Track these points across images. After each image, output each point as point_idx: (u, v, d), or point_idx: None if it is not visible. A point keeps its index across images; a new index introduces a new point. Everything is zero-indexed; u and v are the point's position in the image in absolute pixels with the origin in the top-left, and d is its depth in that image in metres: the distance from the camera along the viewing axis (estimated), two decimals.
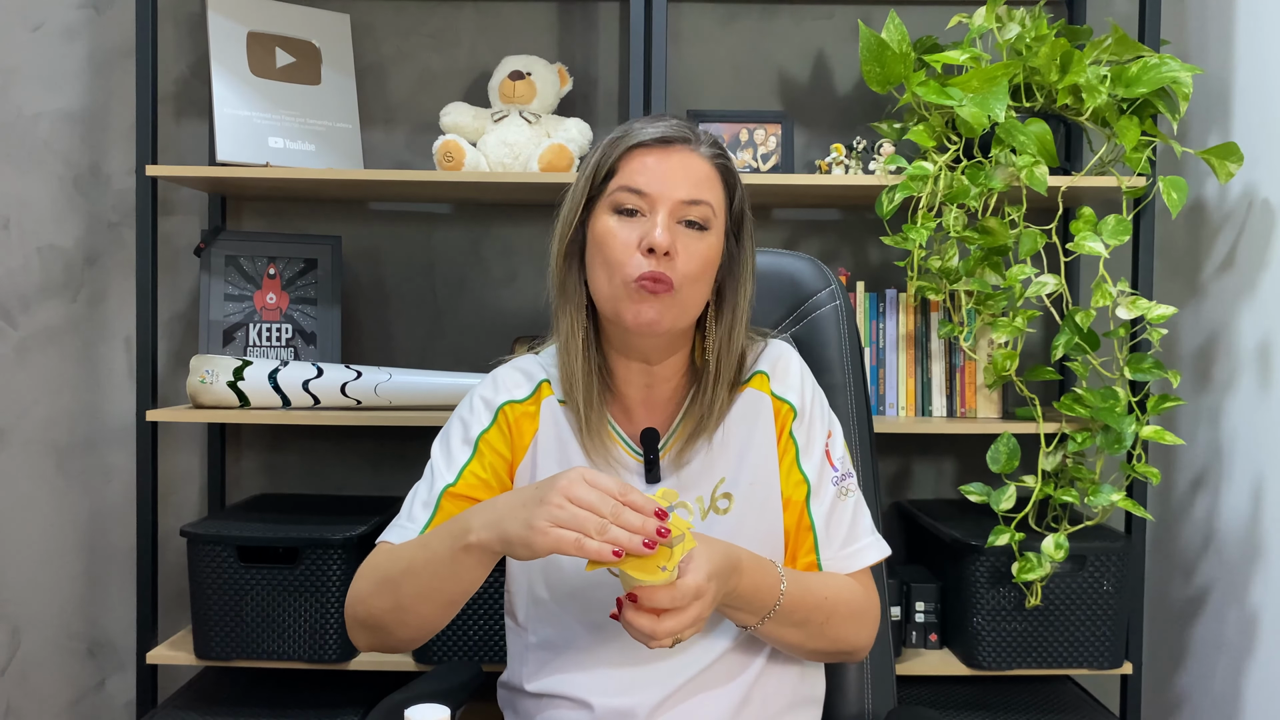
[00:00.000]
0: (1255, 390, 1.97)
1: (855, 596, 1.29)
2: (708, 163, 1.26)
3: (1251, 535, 1.97)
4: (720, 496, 1.30)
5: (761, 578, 1.20)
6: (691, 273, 1.22)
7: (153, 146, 2.02)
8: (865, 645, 1.31)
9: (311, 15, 2.21)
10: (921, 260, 1.97)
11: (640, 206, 1.23)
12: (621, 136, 1.26)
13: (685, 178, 1.23)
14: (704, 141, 1.28)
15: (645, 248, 1.20)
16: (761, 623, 1.21)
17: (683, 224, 1.23)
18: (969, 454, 2.33)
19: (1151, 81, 1.90)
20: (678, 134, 1.25)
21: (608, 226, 1.23)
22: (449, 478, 1.28)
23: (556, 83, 2.18)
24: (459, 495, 1.27)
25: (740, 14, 2.31)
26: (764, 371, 1.34)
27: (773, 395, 1.33)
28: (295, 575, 1.93)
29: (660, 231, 1.20)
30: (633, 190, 1.23)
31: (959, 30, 2.19)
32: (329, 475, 2.34)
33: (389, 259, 2.33)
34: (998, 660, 1.96)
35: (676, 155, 1.24)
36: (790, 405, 1.33)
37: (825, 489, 1.32)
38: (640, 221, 1.22)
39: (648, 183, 1.23)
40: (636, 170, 1.23)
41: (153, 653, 2.03)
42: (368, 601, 1.20)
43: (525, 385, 1.33)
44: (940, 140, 1.97)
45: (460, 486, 1.28)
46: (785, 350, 1.38)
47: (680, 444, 1.30)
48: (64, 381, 2.33)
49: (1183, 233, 2.20)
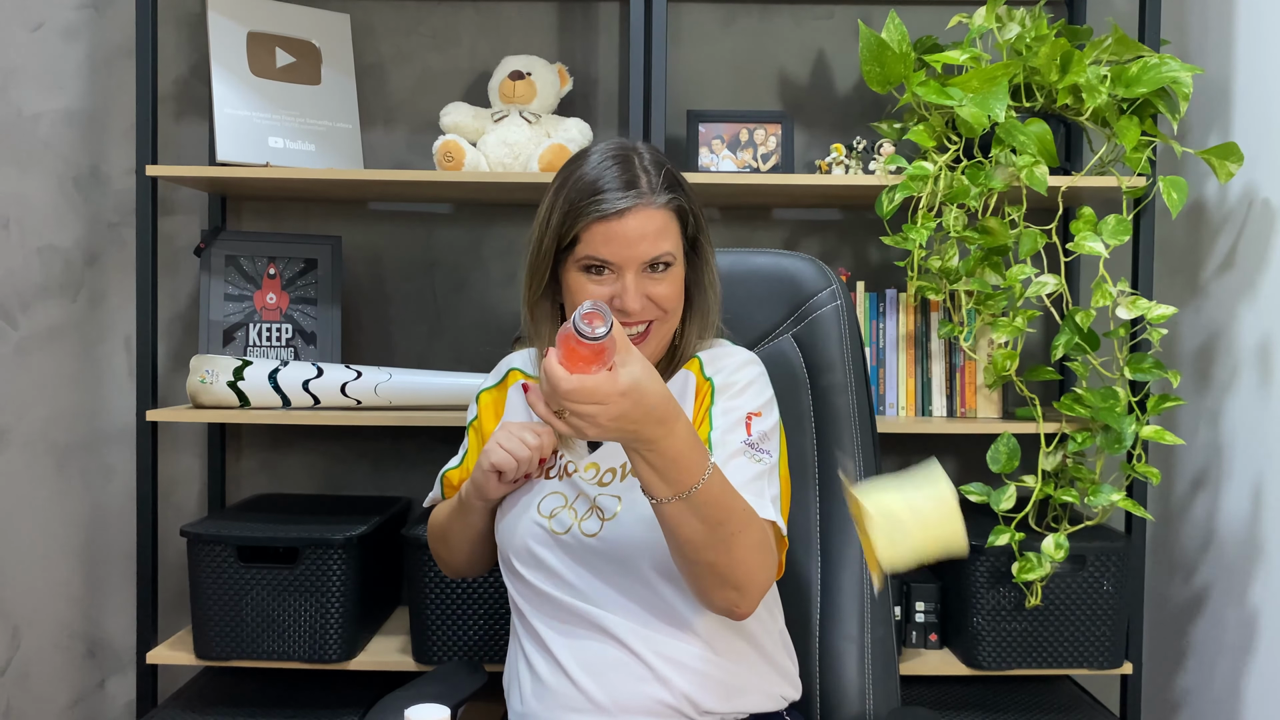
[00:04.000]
0: (1255, 390, 1.97)
1: (767, 535, 1.28)
2: (663, 210, 1.35)
3: (1251, 535, 1.97)
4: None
5: (691, 449, 1.19)
6: (665, 310, 1.37)
7: (153, 146, 2.02)
8: (758, 589, 1.28)
9: (311, 15, 2.21)
10: (921, 260, 1.97)
11: (608, 267, 1.34)
12: (579, 203, 1.33)
13: (643, 236, 1.33)
14: (656, 187, 1.35)
15: (616, 306, 1.33)
16: (672, 500, 1.20)
17: (647, 269, 1.35)
18: (969, 454, 2.33)
19: (1151, 81, 1.90)
20: (632, 198, 1.33)
21: (580, 283, 1.36)
22: (453, 462, 1.53)
23: (556, 83, 2.18)
24: (456, 475, 1.53)
25: (740, 14, 2.31)
26: (698, 356, 1.44)
27: (700, 374, 1.42)
28: (295, 575, 1.93)
29: (631, 296, 1.33)
30: (598, 260, 1.34)
31: (959, 30, 2.19)
32: (329, 475, 2.34)
33: (389, 259, 2.33)
34: (998, 660, 1.96)
35: (633, 219, 1.33)
36: (711, 383, 1.40)
37: (730, 444, 1.33)
38: (609, 280, 1.35)
39: (611, 253, 1.33)
40: (599, 241, 1.33)
41: (153, 653, 2.03)
42: (433, 546, 1.55)
43: (497, 374, 1.54)
44: (940, 140, 1.97)
45: (459, 470, 1.52)
46: (733, 348, 1.47)
47: None
48: (64, 381, 2.33)
49: (1183, 233, 2.20)
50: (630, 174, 1.34)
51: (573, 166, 1.38)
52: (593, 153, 1.39)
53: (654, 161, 1.38)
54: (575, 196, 1.34)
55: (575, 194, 1.34)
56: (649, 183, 1.35)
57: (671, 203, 1.36)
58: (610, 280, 1.35)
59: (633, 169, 1.35)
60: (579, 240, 1.33)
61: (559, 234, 1.35)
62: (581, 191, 1.34)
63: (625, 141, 1.43)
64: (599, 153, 1.38)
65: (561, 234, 1.34)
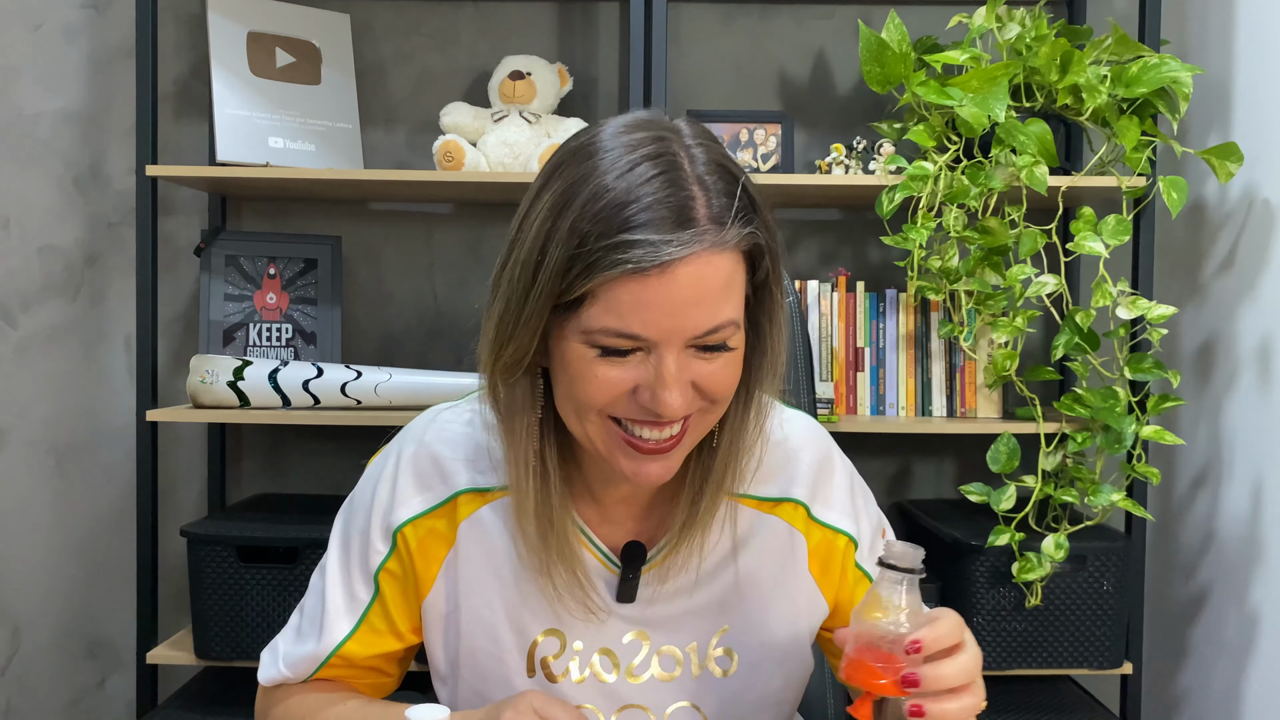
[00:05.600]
0: (1255, 390, 1.97)
1: None
2: (731, 254, 0.86)
3: (1251, 535, 1.97)
4: (719, 652, 1.03)
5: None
6: (714, 401, 0.90)
7: (153, 146, 2.02)
8: None
9: (311, 15, 2.21)
10: (921, 260, 1.97)
11: (635, 347, 0.86)
12: (599, 243, 0.82)
13: (697, 301, 0.84)
14: (723, 215, 0.85)
15: (643, 402, 0.87)
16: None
17: (694, 349, 0.87)
18: (969, 454, 2.33)
19: (1151, 81, 1.90)
20: (688, 241, 0.82)
21: (586, 364, 0.87)
22: (340, 628, 1.03)
23: (556, 83, 2.18)
24: (348, 659, 1.03)
25: (740, 14, 2.31)
26: (799, 502, 1.03)
27: (820, 525, 1.03)
28: (295, 575, 1.93)
29: (673, 393, 0.85)
30: (624, 335, 0.85)
31: (959, 30, 2.19)
32: (329, 475, 2.34)
33: (389, 259, 2.33)
34: (998, 660, 1.96)
35: (686, 272, 0.83)
36: (848, 536, 1.04)
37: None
38: (634, 363, 0.86)
39: (646, 324, 0.84)
40: (629, 307, 0.83)
41: (153, 653, 2.03)
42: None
43: (426, 489, 1.01)
44: (940, 140, 1.97)
45: (353, 644, 1.03)
46: (816, 445, 1.05)
47: (669, 564, 0.99)
48: (64, 381, 2.33)
49: (1183, 233, 2.20)
50: (682, 194, 0.83)
51: (581, 168, 0.86)
52: (609, 144, 0.86)
53: (711, 165, 0.86)
54: (591, 228, 0.83)
55: (591, 223, 0.83)
56: (710, 208, 0.84)
57: (745, 240, 0.86)
58: (637, 364, 0.86)
59: (684, 185, 0.84)
60: (592, 300, 0.84)
61: (560, 285, 0.85)
62: (603, 221, 0.82)
63: (658, 121, 0.89)
64: (622, 146, 0.86)
65: (565, 287, 0.85)
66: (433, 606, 1.02)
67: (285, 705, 1.05)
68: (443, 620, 1.02)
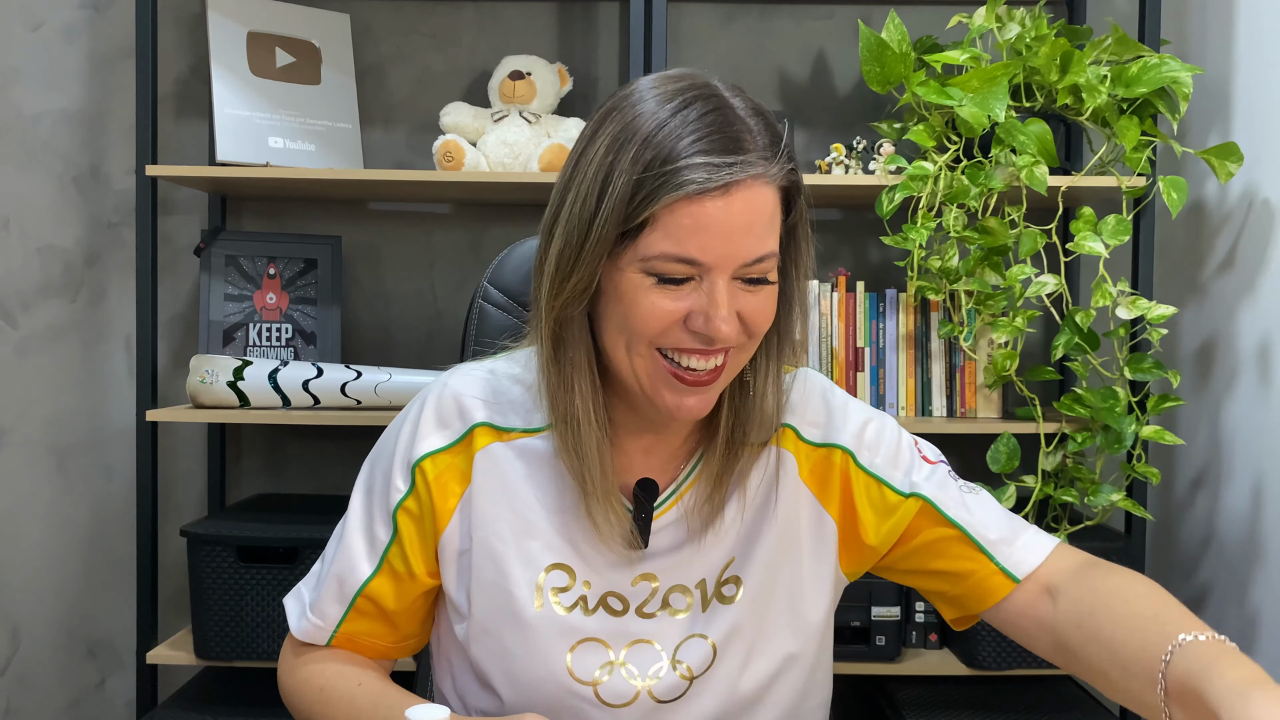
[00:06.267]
0: (1255, 390, 1.98)
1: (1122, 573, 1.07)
2: (774, 188, 0.94)
3: (1251, 535, 1.97)
4: (726, 581, 1.06)
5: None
6: (752, 335, 0.97)
7: (153, 146, 2.02)
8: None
9: (311, 15, 2.21)
10: (921, 260, 1.97)
11: (689, 274, 0.93)
12: (658, 168, 0.90)
13: (749, 227, 0.92)
14: (769, 150, 0.93)
15: (696, 328, 0.93)
16: None
17: (739, 281, 0.94)
18: (969, 454, 2.33)
19: (1151, 81, 1.90)
20: (741, 168, 0.91)
21: (643, 293, 0.93)
22: (363, 569, 1.07)
23: (556, 83, 2.18)
24: (373, 600, 1.07)
25: (740, 14, 2.31)
26: (792, 427, 1.08)
27: (808, 444, 1.08)
28: (295, 575, 1.93)
29: (723, 318, 0.92)
30: (683, 260, 0.91)
31: (959, 30, 2.19)
32: (329, 475, 2.34)
33: (389, 259, 2.33)
34: (998, 660, 1.96)
35: (740, 198, 0.91)
36: (842, 449, 1.08)
37: (949, 489, 1.10)
38: (687, 291, 0.93)
39: (703, 248, 0.91)
40: (688, 231, 0.90)
41: (153, 653, 2.03)
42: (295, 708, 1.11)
43: (444, 426, 1.07)
44: (940, 140, 1.97)
45: (376, 584, 1.06)
46: (809, 382, 1.11)
47: (685, 505, 1.05)
48: (64, 381, 2.33)
49: (1183, 233, 2.20)
50: (734, 128, 0.92)
51: (634, 109, 0.93)
52: (654, 92, 0.94)
53: (750, 108, 0.95)
54: (655, 155, 0.90)
55: (654, 151, 0.90)
56: (757, 142, 0.93)
57: (786, 177, 0.95)
58: (689, 292, 0.93)
59: (734, 120, 0.93)
60: (652, 226, 0.91)
61: (625, 210, 0.91)
62: (665, 149, 0.90)
63: (692, 74, 0.97)
64: (669, 91, 0.94)
65: (629, 213, 0.91)
66: (449, 543, 1.06)
67: (308, 671, 1.08)
68: (456, 558, 1.05)
